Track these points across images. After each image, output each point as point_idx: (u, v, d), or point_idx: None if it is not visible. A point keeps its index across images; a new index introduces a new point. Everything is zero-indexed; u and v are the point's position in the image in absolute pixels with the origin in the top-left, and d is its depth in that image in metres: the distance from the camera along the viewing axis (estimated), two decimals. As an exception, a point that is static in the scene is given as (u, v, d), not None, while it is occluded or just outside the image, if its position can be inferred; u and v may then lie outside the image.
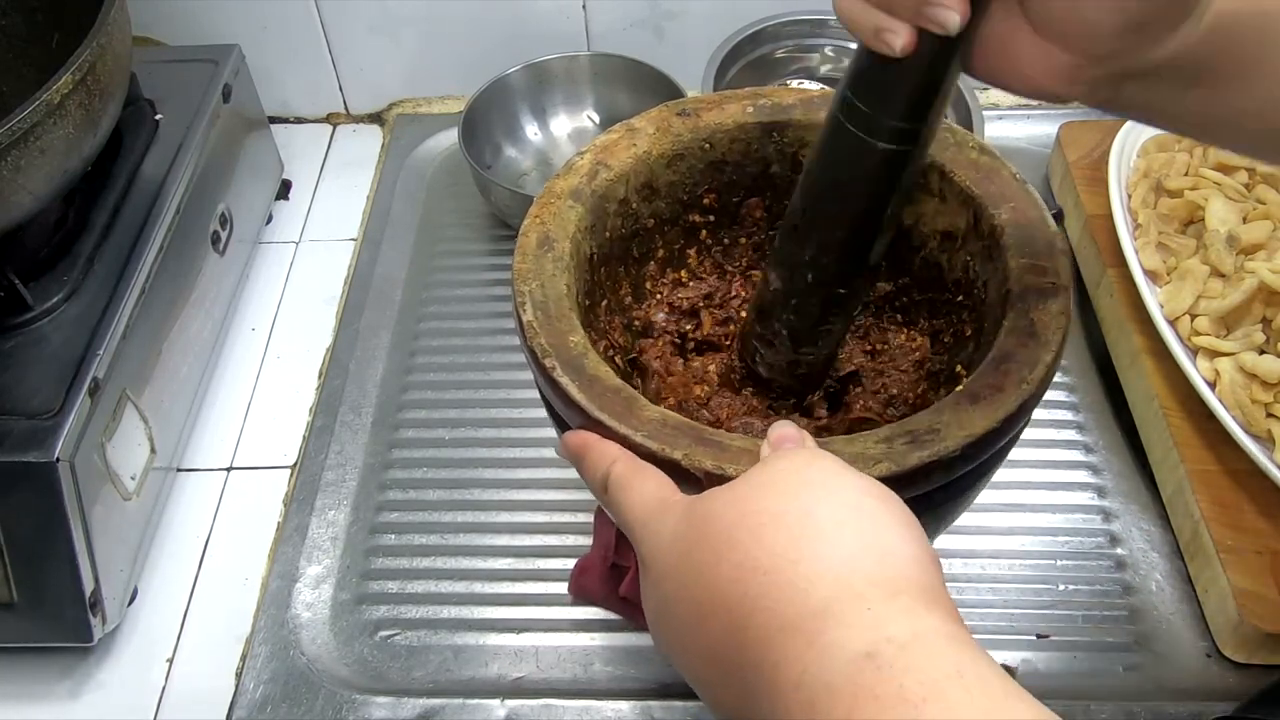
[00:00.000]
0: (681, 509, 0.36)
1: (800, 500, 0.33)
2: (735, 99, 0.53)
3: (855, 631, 0.29)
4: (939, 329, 0.52)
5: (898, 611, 0.30)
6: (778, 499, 0.34)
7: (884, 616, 0.30)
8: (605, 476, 0.40)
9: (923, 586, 0.31)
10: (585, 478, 0.41)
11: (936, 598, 0.31)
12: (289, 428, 0.73)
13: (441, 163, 0.91)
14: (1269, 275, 0.62)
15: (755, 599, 0.31)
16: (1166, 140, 0.76)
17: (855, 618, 0.30)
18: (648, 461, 0.39)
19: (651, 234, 0.54)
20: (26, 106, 0.56)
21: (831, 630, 0.30)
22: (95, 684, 0.62)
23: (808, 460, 0.35)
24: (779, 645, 0.30)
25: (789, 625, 0.30)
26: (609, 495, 0.40)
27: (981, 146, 0.49)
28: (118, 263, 0.66)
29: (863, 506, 0.33)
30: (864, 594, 0.30)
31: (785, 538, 0.32)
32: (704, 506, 0.35)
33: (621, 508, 0.39)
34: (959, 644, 0.29)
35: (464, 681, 0.60)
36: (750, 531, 0.33)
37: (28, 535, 0.57)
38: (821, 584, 0.31)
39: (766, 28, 0.84)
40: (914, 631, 0.29)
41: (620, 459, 0.40)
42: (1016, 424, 0.41)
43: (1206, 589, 0.60)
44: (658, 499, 0.38)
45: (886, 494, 0.34)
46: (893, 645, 0.29)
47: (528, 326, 0.44)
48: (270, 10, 0.89)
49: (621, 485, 0.39)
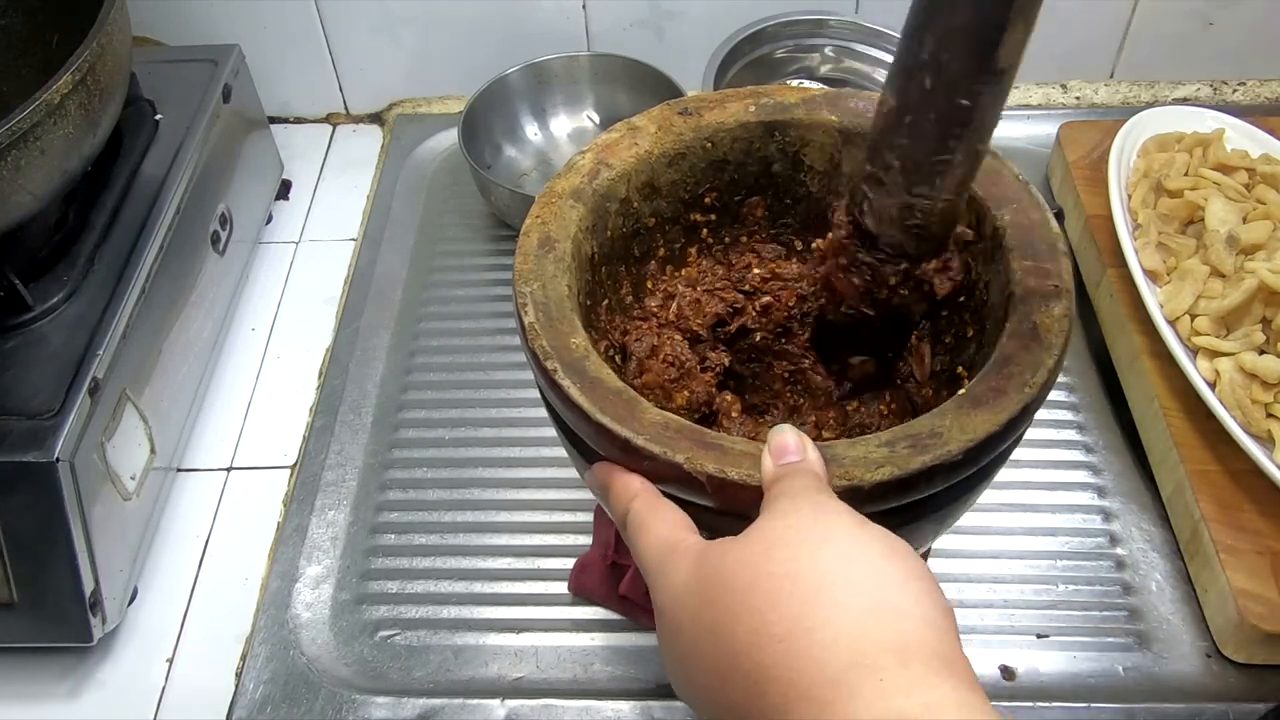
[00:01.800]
0: (692, 559, 0.36)
1: (812, 563, 0.33)
2: (737, 98, 0.53)
3: (865, 703, 0.29)
4: (941, 330, 0.52)
5: (910, 682, 0.30)
6: (790, 561, 0.33)
7: (896, 687, 0.29)
8: (624, 515, 0.40)
9: (935, 650, 0.31)
10: (611, 513, 0.41)
11: (949, 662, 0.31)
12: (289, 428, 0.73)
13: (441, 163, 0.91)
14: (1269, 275, 0.62)
15: (770, 667, 0.31)
16: (1167, 140, 0.76)
17: (868, 688, 0.30)
18: (649, 462, 0.39)
19: (652, 233, 0.54)
20: (26, 106, 0.56)
21: (844, 701, 0.30)
22: (95, 684, 0.62)
23: (815, 513, 0.35)
24: (795, 714, 0.30)
25: (803, 695, 0.30)
26: (627, 534, 0.39)
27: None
28: (118, 263, 0.66)
29: (874, 566, 0.33)
30: (877, 663, 0.30)
31: (799, 603, 0.32)
32: (715, 563, 0.35)
33: (635, 549, 0.39)
34: (972, 713, 0.29)
35: (464, 681, 0.60)
36: (765, 596, 0.32)
37: (28, 535, 0.57)
38: (835, 652, 0.31)
39: (766, 28, 0.84)
40: (925, 703, 0.29)
41: (639, 496, 0.39)
42: (1019, 427, 0.41)
43: (1206, 589, 0.60)
44: (669, 543, 0.37)
45: (897, 546, 0.34)
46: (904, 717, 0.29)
47: (529, 328, 0.43)
48: (270, 10, 0.89)
49: (637, 526, 0.39)
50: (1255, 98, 0.93)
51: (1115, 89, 0.94)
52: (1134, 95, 0.93)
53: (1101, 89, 0.94)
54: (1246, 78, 0.93)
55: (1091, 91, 0.94)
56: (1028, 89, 0.94)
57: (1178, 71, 0.93)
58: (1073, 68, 0.93)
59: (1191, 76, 0.93)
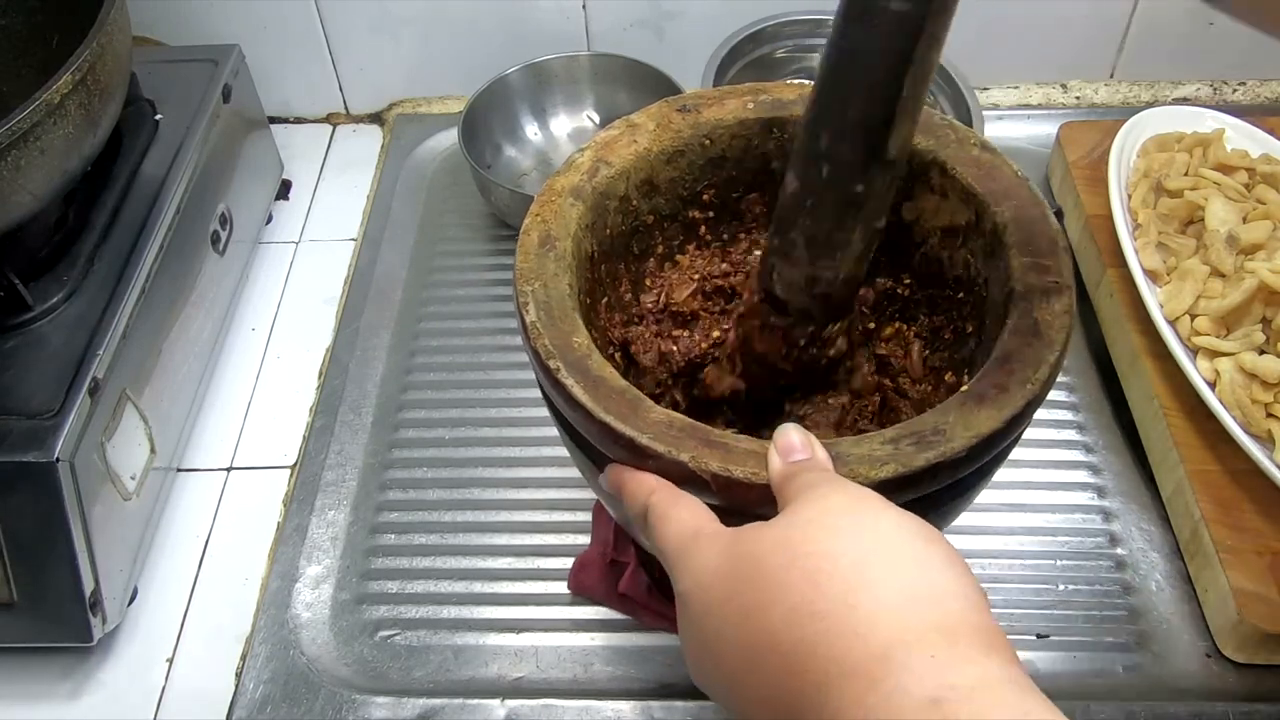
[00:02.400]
0: (722, 545, 0.36)
1: (852, 542, 0.33)
2: (736, 94, 0.53)
3: (919, 677, 0.29)
4: (939, 326, 0.52)
5: (959, 658, 0.30)
6: (829, 541, 0.33)
7: (947, 662, 0.30)
8: (644, 509, 0.40)
9: (978, 628, 0.31)
10: (627, 512, 0.41)
11: (993, 639, 0.31)
12: (289, 428, 0.73)
13: (441, 163, 0.91)
14: (1269, 275, 0.62)
15: (813, 644, 0.31)
16: (1167, 140, 0.76)
17: (919, 663, 0.30)
18: (653, 461, 0.39)
19: (651, 230, 0.54)
20: (26, 106, 0.56)
21: (895, 675, 0.29)
22: (95, 684, 0.62)
23: (853, 499, 0.35)
24: (838, 690, 0.30)
25: (849, 670, 0.30)
26: (648, 526, 0.39)
27: (983, 143, 0.49)
28: (118, 263, 0.66)
29: (913, 548, 0.33)
30: (925, 638, 0.30)
31: (840, 581, 0.32)
32: (749, 546, 0.35)
33: (657, 538, 0.39)
34: (1022, 690, 0.29)
35: (464, 681, 0.60)
36: (804, 575, 0.32)
37: (28, 535, 0.57)
38: (881, 628, 0.31)
39: (766, 28, 0.84)
40: (978, 677, 0.29)
41: (658, 490, 0.39)
42: (1021, 424, 0.41)
43: (1206, 589, 0.60)
44: (693, 529, 0.37)
45: (930, 532, 0.34)
46: (957, 692, 0.29)
47: (531, 327, 0.43)
48: (270, 10, 0.89)
49: (659, 516, 0.39)
50: (1255, 98, 0.93)
51: (1115, 89, 0.94)
52: (1134, 95, 0.93)
53: (1101, 89, 0.94)
54: (1246, 78, 0.93)
55: (1091, 91, 0.94)
56: (1028, 89, 0.94)
57: (1178, 71, 0.93)
58: (1073, 68, 0.93)
59: (1191, 76, 0.93)
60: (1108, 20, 0.89)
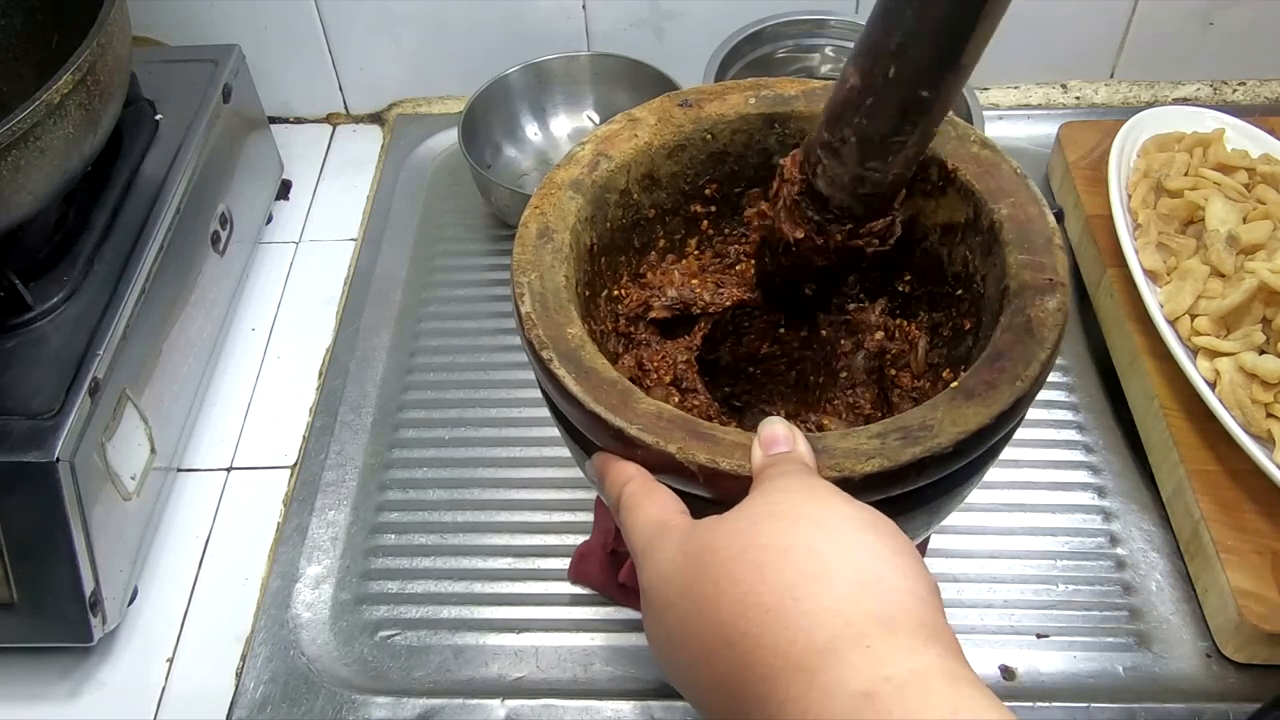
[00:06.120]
0: (679, 535, 0.36)
1: (801, 534, 0.33)
2: (737, 89, 0.53)
3: (854, 671, 0.29)
4: (939, 322, 0.52)
5: (896, 649, 0.30)
6: (779, 533, 0.33)
7: (882, 655, 0.30)
8: (618, 498, 0.40)
9: (921, 620, 0.31)
10: (607, 499, 0.41)
11: (934, 632, 0.31)
12: (289, 428, 0.73)
13: (441, 163, 0.91)
14: (1269, 275, 0.62)
15: (758, 637, 0.31)
16: (1167, 140, 0.76)
17: (856, 656, 0.30)
18: (641, 451, 0.39)
19: (652, 224, 0.54)
20: (26, 106, 0.56)
21: (833, 669, 0.30)
22: (95, 684, 0.62)
23: (805, 491, 0.35)
24: (783, 684, 0.30)
25: (792, 664, 0.30)
26: (620, 517, 0.39)
27: (983, 141, 0.49)
28: (118, 263, 0.66)
29: (862, 540, 0.33)
30: (864, 632, 0.30)
31: (788, 574, 0.32)
32: (703, 538, 0.35)
33: (626, 529, 0.39)
34: (956, 682, 0.29)
35: (464, 681, 0.60)
36: (753, 567, 0.33)
37: (28, 535, 0.57)
38: (823, 621, 0.31)
39: (766, 28, 0.84)
40: (911, 670, 0.29)
41: (633, 479, 0.40)
42: (1010, 420, 0.41)
43: (1206, 589, 0.60)
44: (659, 522, 0.37)
45: (883, 524, 0.34)
46: (890, 685, 0.29)
47: (526, 318, 0.44)
48: (270, 10, 0.89)
49: (630, 507, 0.39)
50: (1255, 98, 0.93)
51: (1115, 89, 0.94)
52: (1134, 95, 0.93)
53: (1101, 89, 0.94)
54: (1246, 78, 0.93)
55: (1091, 91, 0.94)
56: (1028, 89, 0.94)
57: (1178, 71, 0.93)
58: (1073, 68, 0.93)
59: (1191, 76, 0.93)
60: (1108, 20, 0.89)
